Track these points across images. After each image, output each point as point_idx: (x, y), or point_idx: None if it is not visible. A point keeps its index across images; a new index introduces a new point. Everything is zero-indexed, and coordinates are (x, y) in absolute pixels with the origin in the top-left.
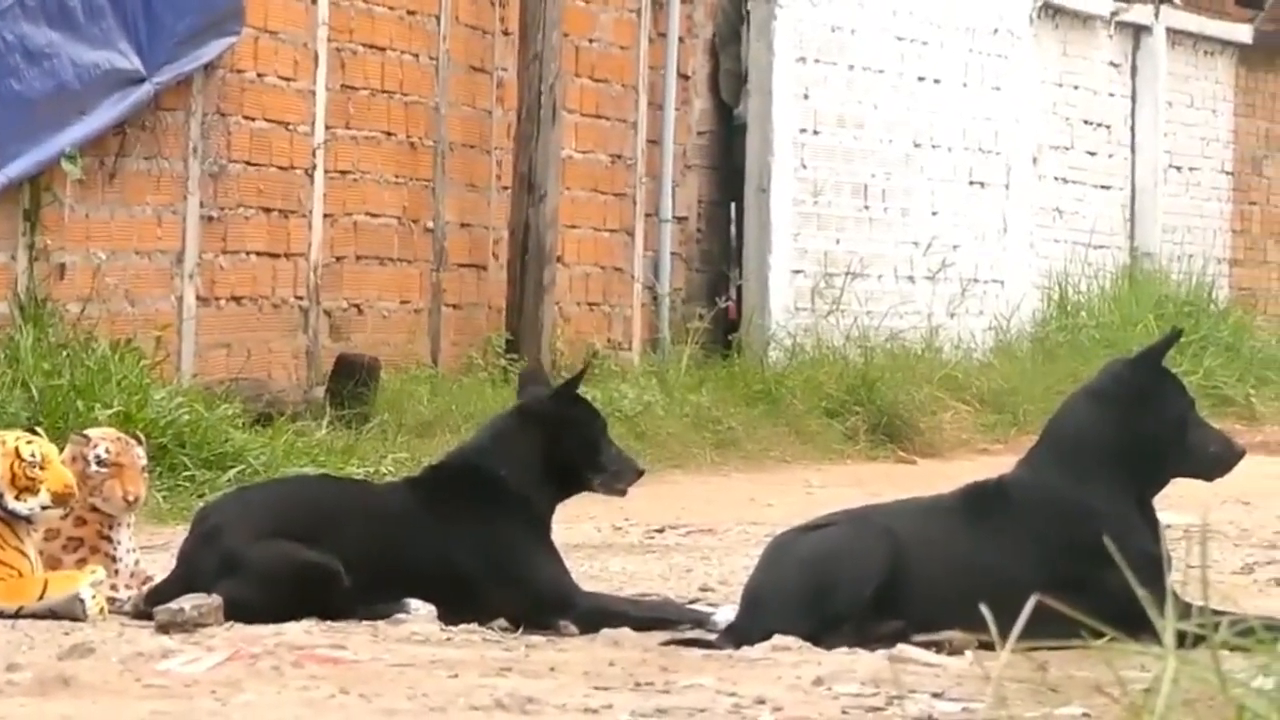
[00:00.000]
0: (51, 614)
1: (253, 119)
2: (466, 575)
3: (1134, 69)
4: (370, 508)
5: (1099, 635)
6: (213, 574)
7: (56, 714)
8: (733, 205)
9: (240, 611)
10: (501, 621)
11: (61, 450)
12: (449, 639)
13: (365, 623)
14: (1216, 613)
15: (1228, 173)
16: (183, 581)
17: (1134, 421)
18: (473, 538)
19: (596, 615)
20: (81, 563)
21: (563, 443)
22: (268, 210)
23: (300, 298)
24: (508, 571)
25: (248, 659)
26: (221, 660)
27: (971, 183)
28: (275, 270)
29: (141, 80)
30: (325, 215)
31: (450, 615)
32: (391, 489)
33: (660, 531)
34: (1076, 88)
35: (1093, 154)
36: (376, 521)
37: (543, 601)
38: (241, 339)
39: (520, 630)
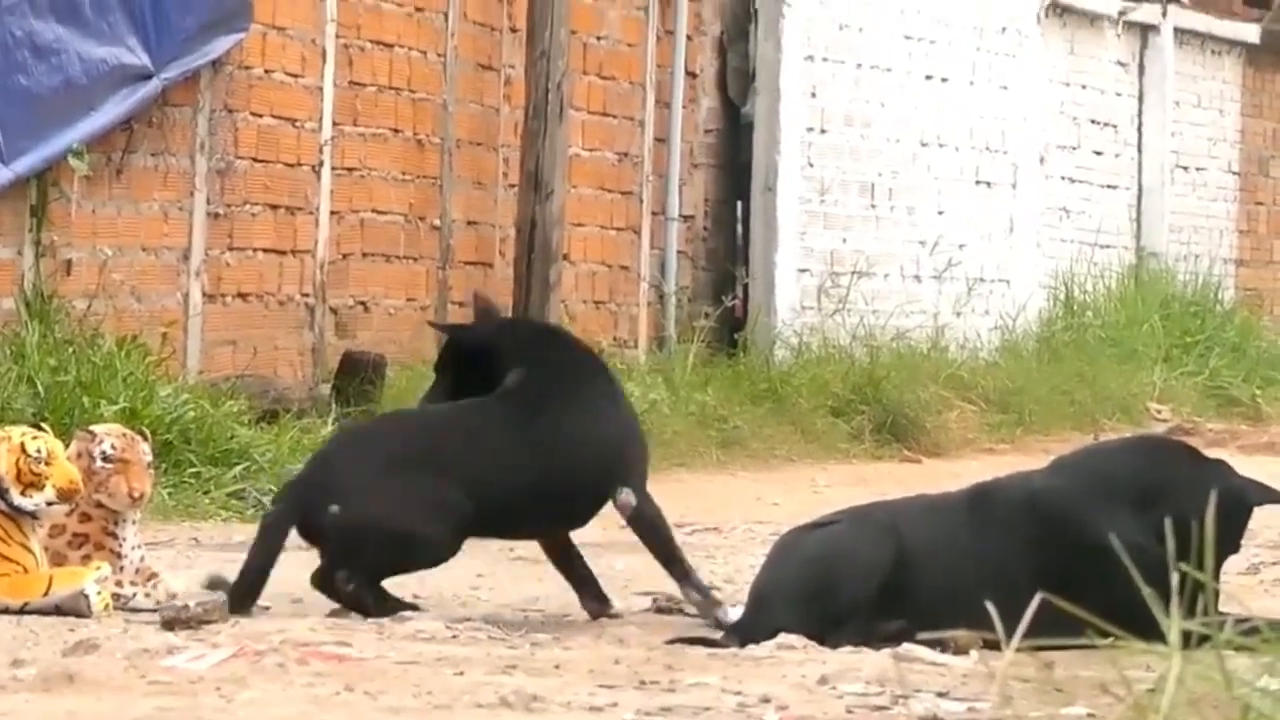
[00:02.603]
0: (56, 610)
1: (260, 115)
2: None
3: (1141, 68)
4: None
5: (1104, 635)
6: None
7: (61, 710)
8: (739, 204)
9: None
10: (506, 618)
11: (67, 446)
12: (454, 636)
13: (370, 620)
14: (1222, 613)
15: (1234, 173)
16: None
17: (1184, 522)
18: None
19: (651, 513)
20: (86, 559)
21: None
22: (274, 207)
23: (306, 295)
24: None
25: (252, 656)
26: (226, 657)
27: (978, 182)
28: (282, 267)
29: (149, 76)
30: (332, 212)
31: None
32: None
33: None
34: (1084, 87)
35: (1099, 153)
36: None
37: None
38: (247, 336)
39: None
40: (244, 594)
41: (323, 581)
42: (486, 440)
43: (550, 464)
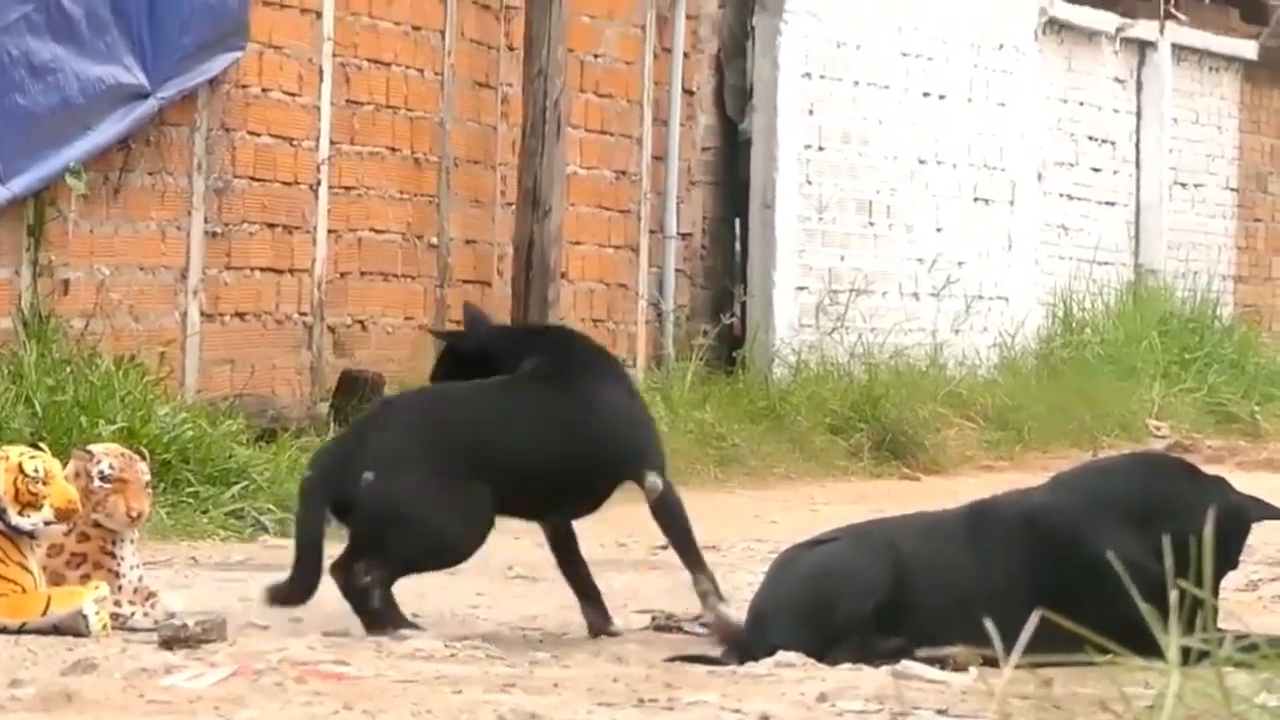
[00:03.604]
0: (55, 630)
1: (257, 134)
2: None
3: (1139, 85)
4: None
5: (1104, 652)
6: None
7: None
8: (737, 221)
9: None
10: (505, 636)
11: (65, 466)
12: (453, 654)
13: (369, 639)
14: (1220, 630)
15: (1232, 189)
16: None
17: (1183, 539)
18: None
19: (673, 500)
20: (85, 579)
21: None
22: (272, 226)
23: (304, 314)
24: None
25: (251, 675)
26: (225, 676)
27: (976, 199)
28: (279, 286)
29: (146, 95)
30: (329, 231)
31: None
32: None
33: (664, 548)
34: (1081, 104)
35: (1097, 170)
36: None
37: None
38: (245, 355)
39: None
40: (306, 571)
41: (340, 569)
42: (518, 418)
43: (577, 443)
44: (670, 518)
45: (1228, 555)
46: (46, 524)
